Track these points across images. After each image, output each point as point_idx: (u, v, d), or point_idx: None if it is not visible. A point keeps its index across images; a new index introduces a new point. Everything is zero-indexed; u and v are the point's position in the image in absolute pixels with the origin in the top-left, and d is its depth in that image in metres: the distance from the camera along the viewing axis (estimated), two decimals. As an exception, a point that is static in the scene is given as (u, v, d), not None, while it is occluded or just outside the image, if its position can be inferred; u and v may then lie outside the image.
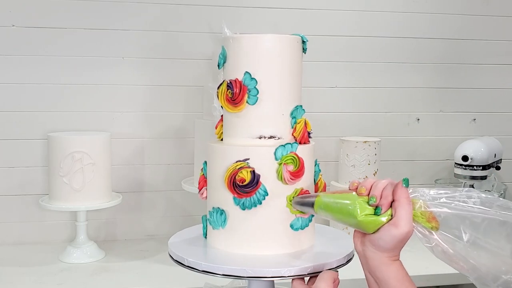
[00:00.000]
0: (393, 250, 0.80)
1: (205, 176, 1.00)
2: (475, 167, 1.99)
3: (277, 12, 2.03)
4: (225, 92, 0.96)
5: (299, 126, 0.97)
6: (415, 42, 2.15)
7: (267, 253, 0.93)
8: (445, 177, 2.22)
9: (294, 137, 0.97)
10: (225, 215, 0.94)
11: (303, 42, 0.99)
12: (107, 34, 1.93)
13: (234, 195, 0.92)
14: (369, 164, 1.91)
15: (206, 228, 1.00)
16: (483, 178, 2.01)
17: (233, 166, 0.91)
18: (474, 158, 1.97)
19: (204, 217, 1.02)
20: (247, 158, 0.91)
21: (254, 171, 0.91)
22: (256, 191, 0.91)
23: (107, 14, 1.92)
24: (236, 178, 0.90)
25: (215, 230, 0.96)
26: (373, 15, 2.11)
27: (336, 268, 0.89)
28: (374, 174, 1.92)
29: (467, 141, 2.05)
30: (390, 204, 0.80)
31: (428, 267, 1.66)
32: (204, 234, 1.02)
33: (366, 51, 2.12)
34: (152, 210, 2.03)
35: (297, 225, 0.94)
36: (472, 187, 1.97)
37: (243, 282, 1.23)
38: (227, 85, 0.96)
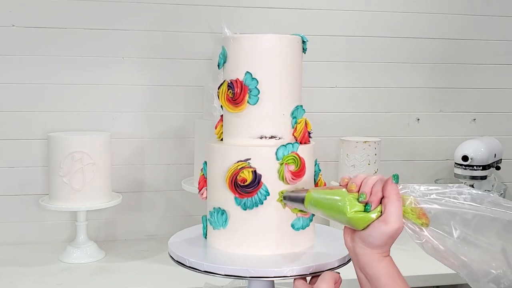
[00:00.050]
0: (383, 247, 0.79)
1: (205, 176, 1.00)
2: (475, 167, 1.99)
3: (277, 12, 2.03)
4: (226, 92, 0.95)
5: (300, 126, 0.97)
6: (415, 42, 2.15)
7: (268, 253, 0.92)
8: (445, 177, 2.22)
9: (295, 137, 0.97)
10: (226, 215, 0.94)
11: (303, 42, 0.99)
12: (107, 34, 1.93)
13: (235, 195, 0.91)
14: (369, 164, 1.91)
15: (206, 228, 1.00)
16: (483, 178, 2.01)
17: (234, 166, 0.91)
18: (474, 158, 1.98)
19: (204, 217, 1.02)
20: (249, 158, 0.91)
21: (255, 171, 0.90)
22: (257, 191, 0.90)
23: (107, 14, 1.92)
24: (238, 178, 0.90)
25: (216, 230, 0.96)
26: (373, 15, 2.11)
27: (338, 267, 0.89)
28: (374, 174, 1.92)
29: (467, 141, 2.05)
30: (380, 201, 0.79)
31: (424, 266, 1.63)
32: (204, 234, 1.02)
33: (366, 51, 2.12)
34: (152, 210, 2.03)
35: (298, 225, 0.94)
36: (472, 187, 1.96)
37: (243, 282, 1.23)
38: (228, 85, 0.95)
